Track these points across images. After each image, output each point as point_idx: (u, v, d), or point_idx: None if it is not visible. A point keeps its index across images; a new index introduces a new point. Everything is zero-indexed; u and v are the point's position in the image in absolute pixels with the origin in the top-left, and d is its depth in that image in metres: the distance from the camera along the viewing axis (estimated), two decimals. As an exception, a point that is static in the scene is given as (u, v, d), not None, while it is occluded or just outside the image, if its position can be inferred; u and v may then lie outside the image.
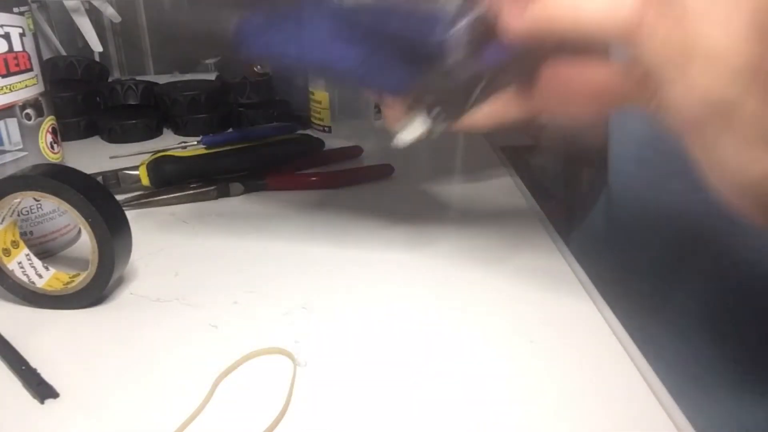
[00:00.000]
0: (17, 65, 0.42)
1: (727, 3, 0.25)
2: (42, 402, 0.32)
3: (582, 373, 0.33)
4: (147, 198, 0.55)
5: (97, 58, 0.92)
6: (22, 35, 0.43)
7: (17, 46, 0.42)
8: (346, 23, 0.26)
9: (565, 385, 0.32)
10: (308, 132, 0.70)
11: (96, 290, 0.39)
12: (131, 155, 0.64)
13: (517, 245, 0.47)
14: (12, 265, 0.40)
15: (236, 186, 0.58)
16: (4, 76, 0.42)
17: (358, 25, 0.26)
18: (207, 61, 0.35)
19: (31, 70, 0.44)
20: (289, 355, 0.35)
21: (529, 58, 0.27)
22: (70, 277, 0.40)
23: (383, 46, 0.26)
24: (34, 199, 0.43)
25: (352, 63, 0.27)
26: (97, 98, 0.78)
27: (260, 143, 0.61)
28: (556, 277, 0.42)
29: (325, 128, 0.73)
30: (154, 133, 0.74)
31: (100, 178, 0.56)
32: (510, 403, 0.31)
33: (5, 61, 0.42)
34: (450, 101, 0.28)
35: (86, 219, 0.37)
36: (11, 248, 0.40)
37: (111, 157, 0.65)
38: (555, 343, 0.36)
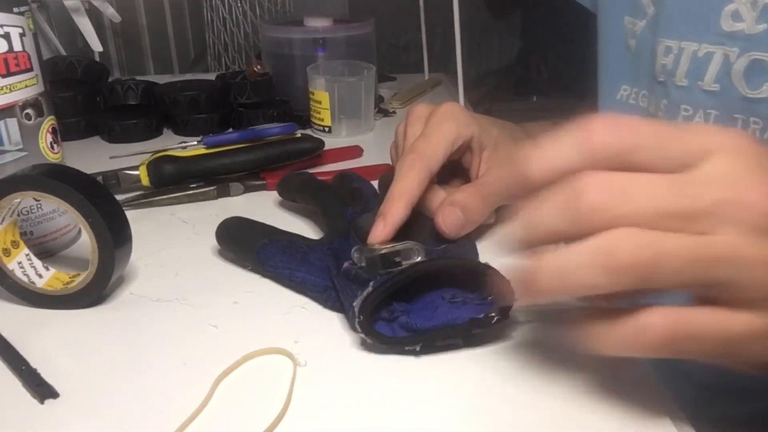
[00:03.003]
0: (17, 65, 0.42)
1: None
2: (42, 402, 0.32)
3: (587, 370, 0.33)
4: (147, 198, 0.55)
5: (97, 58, 0.92)
6: (22, 35, 0.43)
7: (17, 46, 0.42)
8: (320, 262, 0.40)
9: (571, 384, 0.32)
10: (308, 132, 0.70)
11: (96, 290, 0.39)
12: (131, 155, 0.64)
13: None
14: (12, 265, 0.40)
15: (236, 186, 0.58)
16: (4, 76, 0.42)
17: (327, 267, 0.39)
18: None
19: (31, 70, 0.44)
20: (289, 355, 0.35)
21: None
22: (70, 277, 0.40)
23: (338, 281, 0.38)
24: (34, 199, 0.43)
25: (320, 288, 0.39)
26: (97, 98, 0.78)
27: (260, 143, 0.61)
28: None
29: (325, 128, 0.73)
30: (154, 133, 0.74)
31: (100, 178, 0.56)
32: (510, 400, 0.31)
33: (5, 61, 0.42)
34: None
35: (86, 219, 0.37)
36: (11, 248, 0.40)
37: (111, 157, 0.64)
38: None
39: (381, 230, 0.40)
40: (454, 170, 0.49)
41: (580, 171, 0.27)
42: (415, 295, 0.36)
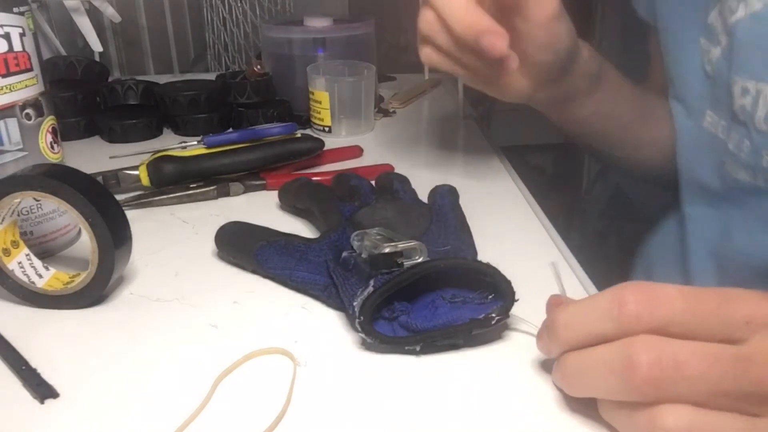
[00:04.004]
0: (17, 65, 0.42)
1: None
2: (42, 402, 0.32)
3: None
4: (147, 198, 0.55)
5: (97, 58, 0.92)
6: (22, 35, 0.43)
7: (17, 46, 0.42)
8: (316, 260, 0.40)
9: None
10: (308, 132, 0.70)
11: (96, 290, 0.39)
12: (131, 155, 0.64)
13: (517, 245, 0.47)
14: (12, 265, 0.40)
15: (236, 186, 0.58)
16: (4, 76, 0.42)
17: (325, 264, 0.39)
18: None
19: (31, 70, 0.44)
20: (289, 355, 0.35)
21: None
22: (70, 277, 0.40)
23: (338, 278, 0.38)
24: (34, 199, 0.43)
25: (320, 286, 0.39)
26: (97, 98, 0.78)
27: (260, 143, 0.61)
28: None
29: (325, 128, 0.73)
30: (154, 133, 0.74)
31: (100, 178, 0.56)
32: (509, 401, 0.31)
33: (5, 61, 0.42)
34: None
35: (86, 219, 0.37)
36: (11, 248, 0.40)
37: (111, 157, 0.64)
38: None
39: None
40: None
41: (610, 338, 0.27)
42: (415, 294, 0.36)
